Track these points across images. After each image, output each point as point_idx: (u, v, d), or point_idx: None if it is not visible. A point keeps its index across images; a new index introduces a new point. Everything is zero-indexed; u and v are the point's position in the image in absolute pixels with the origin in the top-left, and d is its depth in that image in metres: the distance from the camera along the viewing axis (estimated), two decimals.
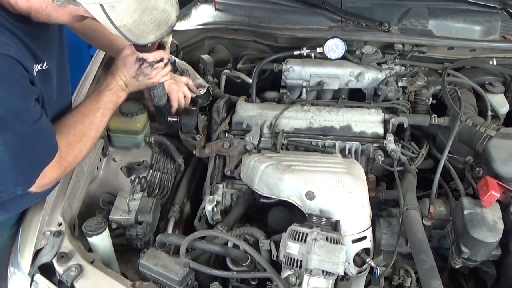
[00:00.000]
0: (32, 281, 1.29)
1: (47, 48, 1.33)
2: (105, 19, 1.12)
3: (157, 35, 1.22)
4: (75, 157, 1.37)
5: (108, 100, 1.48)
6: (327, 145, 1.71)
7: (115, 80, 1.50)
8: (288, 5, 2.12)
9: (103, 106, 1.46)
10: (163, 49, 1.48)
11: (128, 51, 1.48)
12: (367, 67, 1.91)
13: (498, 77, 1.98)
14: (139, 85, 1.53)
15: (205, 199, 1.64)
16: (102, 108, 1.46)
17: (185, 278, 1.29)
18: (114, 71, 1.51)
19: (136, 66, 1.47)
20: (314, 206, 1.43)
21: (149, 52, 1.45)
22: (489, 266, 1.49)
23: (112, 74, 1.51)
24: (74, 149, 1.36)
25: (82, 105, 1.48)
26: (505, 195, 1.42)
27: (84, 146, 1.40)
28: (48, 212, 1.40)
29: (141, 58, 1.45)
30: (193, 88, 1.82)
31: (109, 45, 1.69)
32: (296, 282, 1.25)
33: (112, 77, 1.50)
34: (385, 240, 1.59)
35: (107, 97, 1.48)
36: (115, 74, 1.50)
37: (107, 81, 1.51)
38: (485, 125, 1.63)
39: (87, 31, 1.64)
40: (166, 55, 1.50)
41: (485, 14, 2.09)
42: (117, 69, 1.50)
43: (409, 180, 1.64)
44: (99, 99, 1.47)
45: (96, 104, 1.46)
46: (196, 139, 1.70)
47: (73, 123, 1.40)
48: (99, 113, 1.45)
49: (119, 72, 1.49)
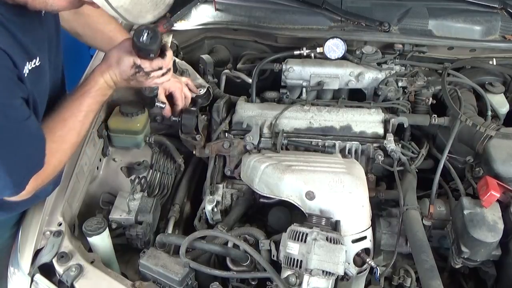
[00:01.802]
0: (32, 281, 1.29)
1: (41, 42, 1.27)
2: (102, 1, 1.10)
3: (155, 14, 1.18)
4: (53, 168, 1.27)
5: (94, 101, 1.37)
6: (327, 145, 1.71)
7: (104, 79, 1.38)
8: (288, 5, 2.12)
9: (87, 109, 1.35)
10: (163, 57, 1.39)
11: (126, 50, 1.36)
12: (367, 67, 1.91)
13: (498, 77, 1.97)
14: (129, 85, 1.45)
15: (205, 199, 1.64)
16: (85, 110, 1.34)
17: (185, 278, 1.29)
18: (105, 69, 1.38)
19: (132, 71, 1.37)
20: (314, 206, 1.43)
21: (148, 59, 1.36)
22: (489, 266, 1.49)
23: (102, 72, 1.38)
24: (53, 159, 1.25)
25: (64, 106, 1.34)
26: (505, 195, 1.42)
27: (63, 154, 1.31)
28: (48, 212, 1.40)
29: (138, 65, 1.35)
30: (193, 88, 1.81)
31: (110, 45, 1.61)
32: (296, 282, 1.25)
33: (101, 75, 1.38)
34: (385, 240, 1.59)
35: (93, 98, 1.36)
36: (105, 72, 1.38)
37: (95, 78, 1.38)
38: (485, 125, 1.63)
39: (86, 30, 1.60)
40: (166, 64, 1.40)
41: (485, 14, 2.09)
42: (109, 67, 1.38)
43: (409, 180, 1.64)
44: (83, 100, 1.35)
45: (79, 106, 1.34)
46: (196, 139, 1.69)
47: (52, 128, 1.28)
48: (82, 116, 1.34)
49: (110, 72, 1.38)
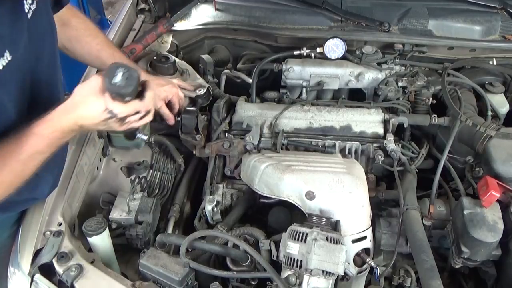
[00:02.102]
0: (32, 281, 1.28)
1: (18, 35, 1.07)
2: None
3: None
4: None
5: (46, 144, 1.09)
6: (327, 145, 1.71)
7: (67, 122, 1.10)
8: (288, 5, 2.12)
9: (34, 150, 1.08)
10: (141, 99, 1.15)
11: (96, 89, 1.09)
12: (367, 67, 1.91)
13: (498, 77, 1.97)
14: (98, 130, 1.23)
15: (205, 199, 1.64)
16: (32, 152, 1.08)
17: (185, 278, 1.29)
18: (70, 109, 1.10)
19: (103, 116, 1.11)
20: (314, 206, 1.43)
21: (123, 102, 1.11)
22: (489, 266, 1.49)
23: (65, 112, 1.10)
24: None
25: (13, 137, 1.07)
26: (505, 195, 1.42)
27: None
28: (48, 212, 1.40)
29: (111, 110, 1.10)
30: (185, 86, 1.77)
31: (97, 58, 1.51)
32: (296, 282, 1.24)
33: (64, 116, 1.09)
34: (385, 240, 1.59)
35: (46, 141, 1.09)
36: (69, 114, 1.09)
37: (55, 118, 1.09)
38: (485, 125, 1.63)
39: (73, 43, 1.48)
40: (144, 107, 1.16)
41: (485, 14, 2.09)
42: (74, 108, 1.10)
43: (409, 180, 1.64)
44: (34, 140, 1.07)
45: (25, 145, 1.06)
46: (196, 139, 1.69)
47: None
48: (25, 157, 1.08)
49: (74, 114, 1.10)
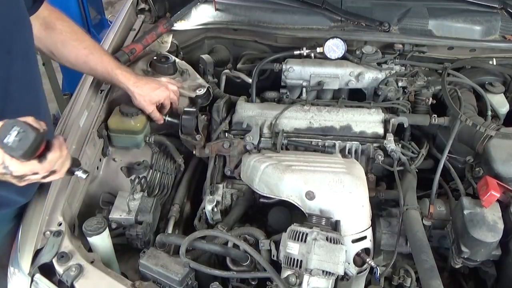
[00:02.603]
0: (32, 281, 1.28)
1: None
2: None
3: None
4: None
5: None
6: (327, 145, 1.71)
7: None
8: (288, 5, 2.12)
9: None
10: (41, 161, 1.08)
11: None
12: (367, 67, 1.91)
13: (498, 77, 1.98)
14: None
15: (205, 199, 1.64)
16: None
17: (185, 278, 1.29)
18: None
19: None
20: (314, 206, 1.43)
21: (19, 161, 1.05)
22: (489, 266, 1.49)
23: None
24: None
25: None
26: (505, 195, 1.42)
27: None
28: (48, 212, 1.39)
29: (6, 166, 1.05)
30: (175, 83, 1.77)
31: (84, 63, 1.52)
32: (296, 282, 1.24)
33: None
34: (385, 240, 1.59)
35: None
36: None
37: None
38: (485, 125, 1.63)
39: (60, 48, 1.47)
40: (44, 169, 1.10)
41: (485, 14, 2.09)
42: None
43: (409, 180, 1.64)
44: None
45: None
46: (196, 139, 1.69)
47: None
48: None
49: None
